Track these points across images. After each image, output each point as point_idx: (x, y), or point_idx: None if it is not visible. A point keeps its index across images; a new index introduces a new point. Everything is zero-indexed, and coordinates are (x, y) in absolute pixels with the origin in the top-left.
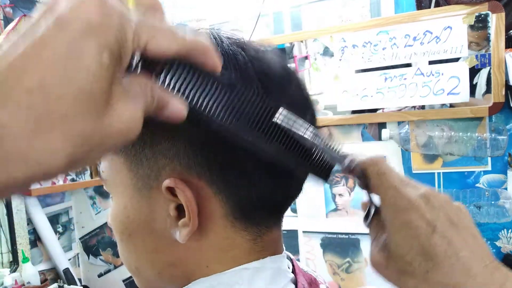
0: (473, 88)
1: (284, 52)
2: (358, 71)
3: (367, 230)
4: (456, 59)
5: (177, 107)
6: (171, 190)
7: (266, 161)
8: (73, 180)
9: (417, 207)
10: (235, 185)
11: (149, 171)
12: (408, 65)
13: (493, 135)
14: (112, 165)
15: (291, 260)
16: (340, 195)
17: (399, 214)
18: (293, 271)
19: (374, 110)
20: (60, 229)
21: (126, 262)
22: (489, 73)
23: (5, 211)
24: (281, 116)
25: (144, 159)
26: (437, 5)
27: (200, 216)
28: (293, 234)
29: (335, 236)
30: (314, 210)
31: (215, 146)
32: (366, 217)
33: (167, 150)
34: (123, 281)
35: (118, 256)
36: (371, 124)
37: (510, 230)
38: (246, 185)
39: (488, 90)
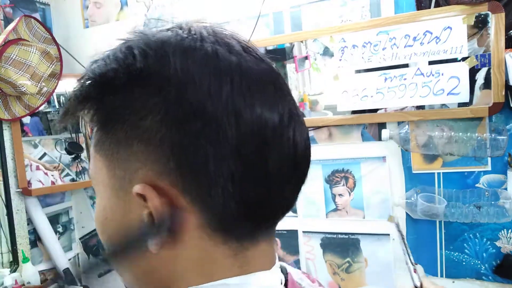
0: (472, 83)
1: (284, 52)
2: (358, 71)
3: (367, 230)
4: (456, 59)
5: None
6: (143, 196)
7: (247, 168)
8: (73, 180)
9: None
10: (210, 195)
11: (124, 173)
12: (407, 65)
13: (493, 135)
14: (95, 163)
15: (286, 273)
16: (340, 195)
17: None
18: (286, 285)
19: (374, 110)
20: (60, 229)
21: (111, 263)
22: (488, 71)
23: (5, 211)
24: None
25: (120, 160)
26: (437, 5)
27: (174, 225)
28: (293, 234)
29: (335, 236)
30: (314, 210)
31: (187, 151)
32: None
33: (140, 153)
34: None
35: None
36: (371, 124)
37: (510, 230)
38: (223, 195)
39: (487, 86)
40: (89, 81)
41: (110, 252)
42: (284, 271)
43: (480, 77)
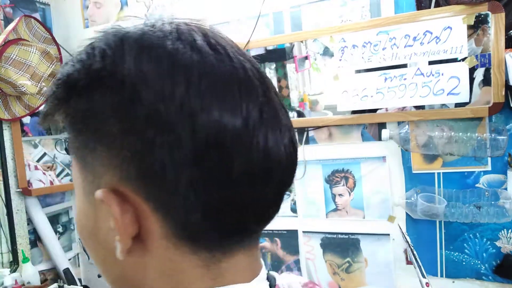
0: (471, 81)
1: (284, 52)
2: (358, 71)
3: (367, 230)
4: (456, 59)
5: None
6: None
7: (207, 176)
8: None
9: None
10: (171, 203)
11: (93, 178)
12: (407, 65)
13: (493, 135)
14: (73, 165)
15: (275, 285)
16: (340, 195)
17: None
18: None
19: (374, 110)
20: (60, 229)
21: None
22: (486, 69)
23: (5, 211)
24: None
25: (88, 164)
26: (437, 5)
27: (140, 233)
28: (293, 234)
29: (335, 236)
30: (314, 210)
31: (145, 157)
32: None
33: (104, 158)
34: None
35: None
36: (371, 124)
37: (510, 230)
38: (184, 203)
39: (486, 83)
40: (60, 83)
41: (90, 255)
42: (272, 282)
43: (479, 74)
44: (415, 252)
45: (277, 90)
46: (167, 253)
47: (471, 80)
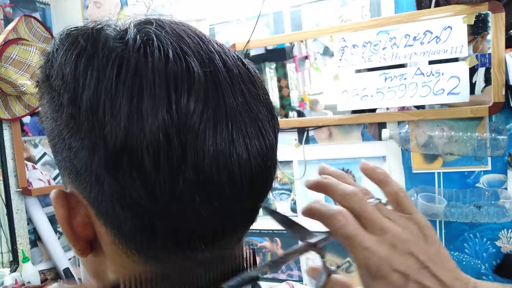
0: (472, 86)
1: (284, 52)
2: (358, 71)
3: None
4: (456, 59)
5: None
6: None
7: (123, 190)
8: None
9: (386, 261)
10: (104, 211)
11: (62, 175)
12: (407, 65)
13: (493, 135)
14: None
15: None
16: None
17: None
18: None
19: (374, 110)
20: (60, 229)
21: None
22: (486, 70)
23: (5, 211)
24: None
25: (59, 161)
26: (437, 5)
27: (97, 236)
28: None
29: None
30: None
31: (74, 160)
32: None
33: (60, 157)
34: None
35: None
36: (371, 124)
37: (510, 230)
38: (114, 216)
39: (487, 84)
40: (37, 82)
41: None
42: None
43: (480, 74)
44: None
45: (260, 95)
46: (120, 260)
47: (471, 81)
